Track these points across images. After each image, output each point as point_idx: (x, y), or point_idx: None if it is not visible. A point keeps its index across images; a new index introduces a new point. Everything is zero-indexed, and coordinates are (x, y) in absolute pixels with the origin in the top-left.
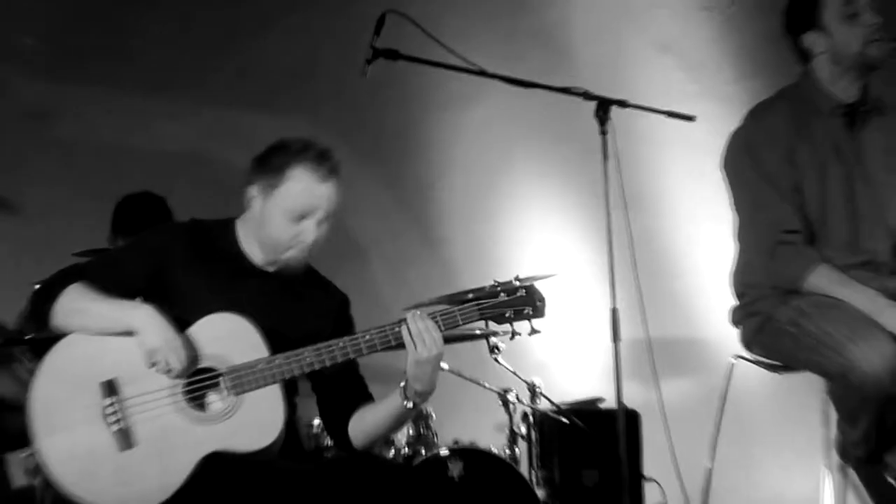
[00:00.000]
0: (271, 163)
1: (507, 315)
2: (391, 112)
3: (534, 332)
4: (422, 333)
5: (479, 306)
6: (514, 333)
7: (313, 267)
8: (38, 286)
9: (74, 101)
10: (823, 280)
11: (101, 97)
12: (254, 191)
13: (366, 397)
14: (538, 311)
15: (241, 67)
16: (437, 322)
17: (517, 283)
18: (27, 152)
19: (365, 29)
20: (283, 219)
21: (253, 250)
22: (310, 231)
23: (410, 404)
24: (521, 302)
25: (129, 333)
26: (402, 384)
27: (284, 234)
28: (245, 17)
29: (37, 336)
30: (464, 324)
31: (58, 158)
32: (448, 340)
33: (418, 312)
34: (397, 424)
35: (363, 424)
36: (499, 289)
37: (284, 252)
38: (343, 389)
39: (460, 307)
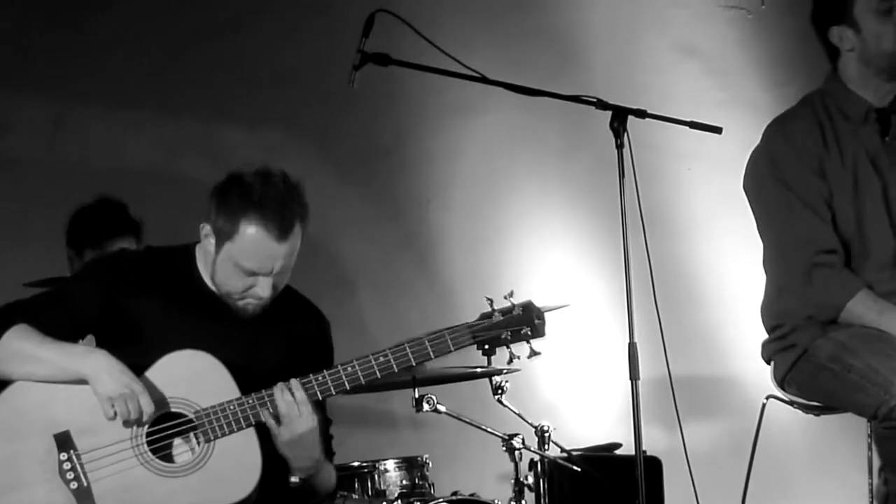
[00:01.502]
0: (227, 205)
1: (503, 337)
2: (381, 123)
3: (533, 353)
4: (288, 409)
5: (472, 328)
6: (511, 357)
7: (290, 287)
8: None
9: (23, 111)
10: (865, 307)
11: (53, 107)
12: (206, 229)
13: (326, 438)
14: (537, 331)
15: (210, 73)
16: (310, 393)
17: (513, 302)
18: None
19: (351, 29)
20: (234, 270)
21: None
22: (264, 286)
23: (295, 479)
24: (517, 321)
25: (81, 382)
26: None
27: (236, 286)
28: (213, 16)
29: None
30: (455, 349)
31: (5, 176)
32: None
33: (289, 383)
34: (312, 492)
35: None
36: (493, 309)
37: (238, 301)
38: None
39: (450, 330)
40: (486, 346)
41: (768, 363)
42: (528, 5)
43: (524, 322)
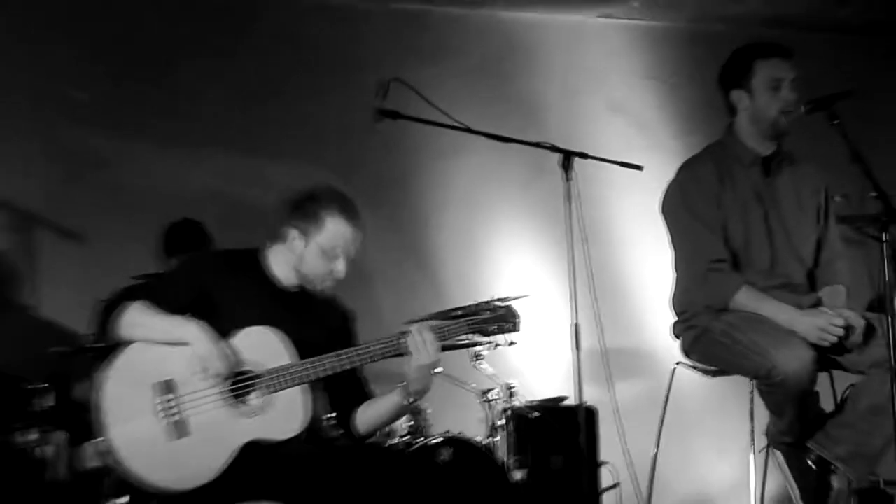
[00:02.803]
0: (308, 210)
1: (490, 329)
2: (392, 161)
3: (511, 343)
4: (426, 344)
5: (468, 322)
6: (496, 345)
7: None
8: (103, 303)
9: (128, 149)
10: (747, 299)
11: (149, 146)
12: (294, 233)
13: (367, 394)
14: (516, 327)
15: (264, 122)
16: (438, 334)
17: (499, 304)
18: (91, 193)
19: (368, 91)
20: (321, 258)
21: (281, 275)
22: (341, 268)
23: (411, 399)
24: (502, 318)
25: (182, 343)
26: (403, 384)
27: (321, 270)
28: (269, 80)
29: (105, 345)
30: (454, 337)
31: (115, 197)
32: (442, 349)
33: (422, 325)
34: (396, 417)
35: (366, 417)
36: (484, 308)
37: (320, 284)
38: (350, 388)
39: (454, 322)
40: (479, 335)
41: (677, 339)
42: (501, 76)
43: (507, 320)
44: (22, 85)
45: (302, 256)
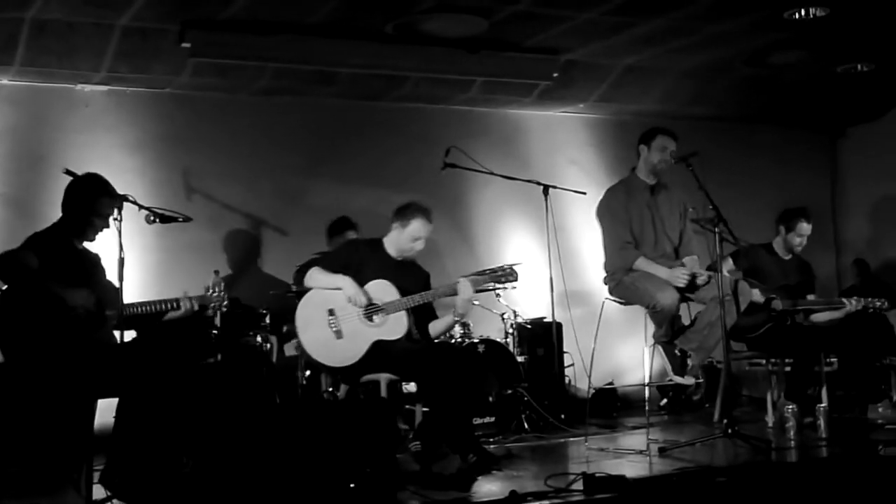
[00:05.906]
0: (405, 213)
1: (503, 281)
2: (451, 189)
3: (514, 288)
4: (466, 289)
5: (492, 277)
6: (507, 288)
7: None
8: (297, 267)
9: (314, 184)
10: (642, 264)
11: (326, 182)
12: (396, 224)
13: (435, 316)
14: (516, 280)
15: (386, 169)
16: (470, 283)
17: (509, 268)
18: (293, 207)
19: (438, 152)
20: (409, 240)
21: (392, 251)
22: (419, 246)
23: (457, 318)
24: (510, 276)
25: (338, 288)
26: (453, 309)
27: (408, 247)
28: (388, 149)
29: (298, 290)
30: (484, 285)
31: (306, 210)
32: (480, 292)
33: (465, 279)
34: (449, 329)
35: (435, 328)
36: (500, 269)
37: (408, 254)
38: (426, 313)
39: (484, 276)
40: (496, 283)
41: (606, 285)
42: (509, 144)
43: (512, 277)
44: (262, 153)
45: (399, 239)
